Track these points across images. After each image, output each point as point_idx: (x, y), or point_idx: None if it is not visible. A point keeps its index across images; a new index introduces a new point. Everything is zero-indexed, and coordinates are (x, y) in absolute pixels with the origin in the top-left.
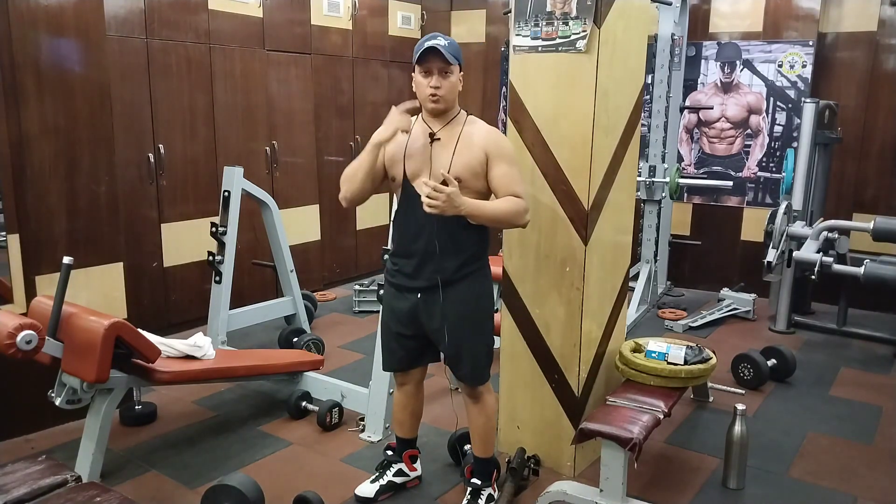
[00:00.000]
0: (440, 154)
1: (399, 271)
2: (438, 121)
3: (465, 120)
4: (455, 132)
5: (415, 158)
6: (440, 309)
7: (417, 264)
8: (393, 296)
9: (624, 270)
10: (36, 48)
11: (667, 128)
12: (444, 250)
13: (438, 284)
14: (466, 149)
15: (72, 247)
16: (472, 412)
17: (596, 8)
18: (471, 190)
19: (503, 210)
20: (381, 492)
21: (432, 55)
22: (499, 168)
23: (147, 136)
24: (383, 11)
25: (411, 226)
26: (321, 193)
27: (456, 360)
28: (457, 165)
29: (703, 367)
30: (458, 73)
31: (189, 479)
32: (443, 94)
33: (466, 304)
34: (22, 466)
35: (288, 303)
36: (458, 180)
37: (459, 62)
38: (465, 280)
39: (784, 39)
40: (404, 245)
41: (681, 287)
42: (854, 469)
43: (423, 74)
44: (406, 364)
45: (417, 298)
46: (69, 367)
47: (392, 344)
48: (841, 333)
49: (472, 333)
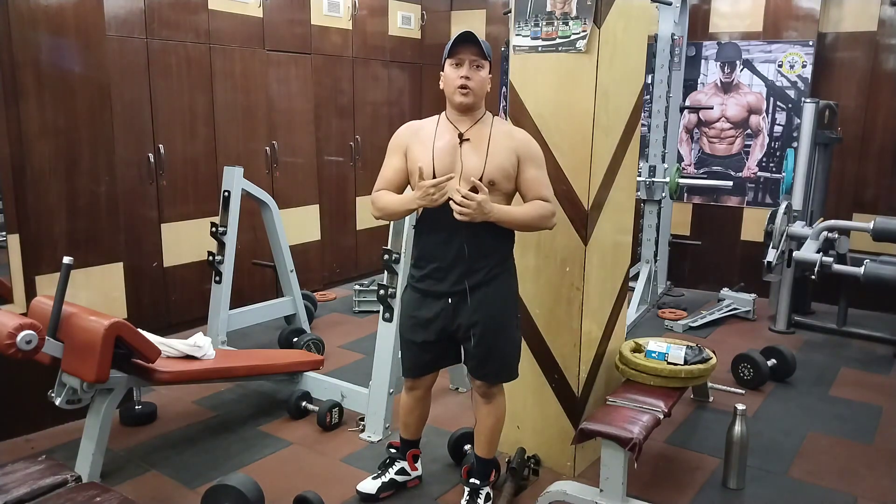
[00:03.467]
0: (470, 155)
1: (427, 276)
2: (465, 120)
3: (492, 121)
4: (484, 133)
5: (444, 160)
6: (469, 312)
7: (447, 269)
8: (418, 301)
9: (624, 270)
10: (36, 48)
11: (667, 128)
12: (473, 255)
13: (466, 289)
14: (499, 151)
15: (72, 247)
16: (482, 411)
17: (596, 8)
18: (501, 192)
19: (532, 215)
20: (382, 489)
21: (467, 43)
22: (529, 171)
23: (147, 136)
24: (383, 11)
25: (441, 231)
26: (321, 193)
27: (484, 360)
28: (490, 168)
29: (703, 367)
30: (489, 73)
31: (189, 479)
32: (473, 86)
33: (495, 305)
34: (22, 466)
35: (288, 303)
36: (491, 183)
37: (490, 60)
38: (493, 281)
39: (784, 39)
40: (432, 250)
41: (681, 287)
42: (854, 469)
43: (454, 66)
44: (430, 368)
45: (448, 304)
46: (69, 367)
47: (414, 349)
48: (841, 333)
49: (501, 332)
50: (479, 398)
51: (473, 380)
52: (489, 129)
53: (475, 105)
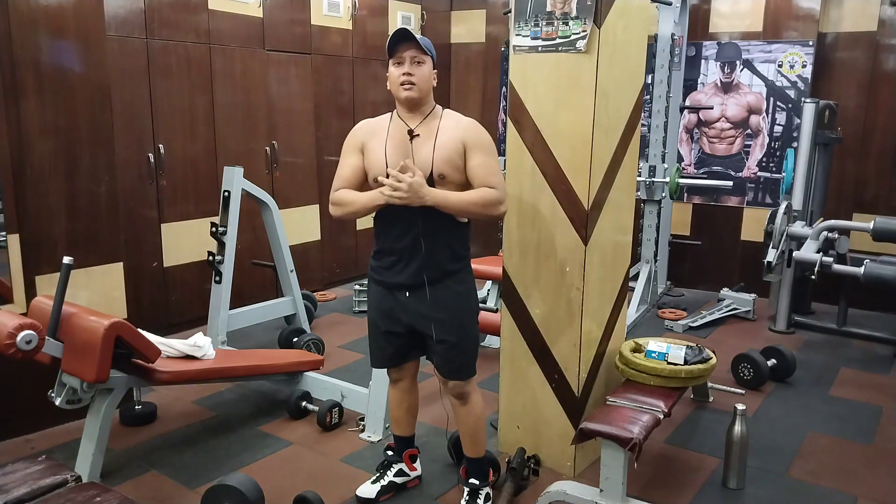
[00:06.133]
0: (420, 150)
1: (384, 269)
2: (415, 116)
3: (441, 114)
4: (433, 126)
5: (396, 157)
6: (427, 306)
7: (403, 263)
8: (379, 294)
9: (624, 270)
10: (36, 48)
11: (667, 128)
12: (429, 248)
13: (425, 282)
14: (445, 142)
15: (72, 247)
16: (460, 413)
17: (596, 8)
18: (453, 184)
19: (473, 200)
20: (381, 492)
21: (403, 42)
22: (475, 158)
23: (147, 136)
24: (383, 11)
25: (396, 224)
26: (321, 193)
27: (444, 356)
28: (438, 161)
29: (703, 367)
30: (432, 68)
31: (189, 479)
32: (416, 80)
33: (452, 301)
34: (22, 466)
35: (288, 303)
36: (442, 177)
37: (432, 55)
38: (450, 278)
39: (784, 39)
40: (389, 243)
41: (681, 287)
42: (854, 469)
43: (395, 65)
44: (396, 360)
45: (406, 297)
46: (69, 367)
47: (380, 341)
48: (841, 333)
49: (460, 330)
50: (454, 401)
51: (446, 382)
52: (438, 122)
53: (421, 99)
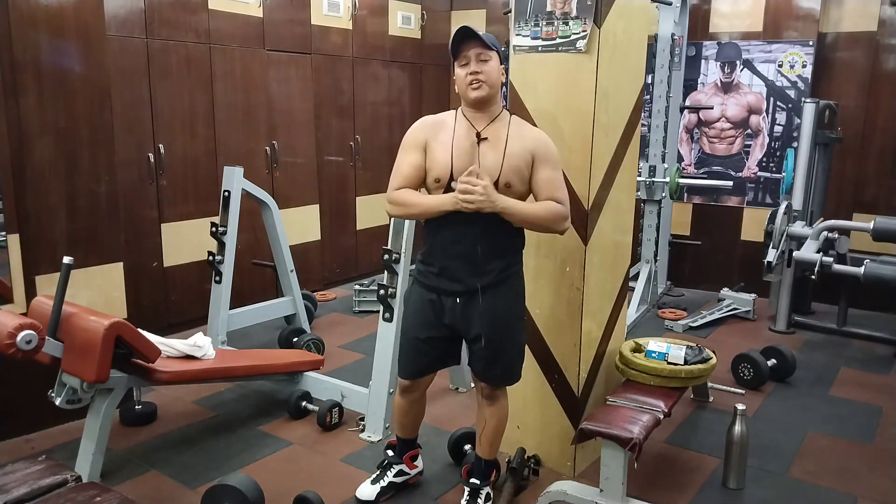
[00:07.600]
0: (488, 154)
1: (434, 274)
2: (482, 117)
3: (509, 120)
4: (501, 132)
5: (463, 161)
6: (480, 313)
7: (457, 268)
8: (425, 299)
9: (624, 270)
10: (36, 48)
11: (667, 128)
12: (485, 254)
13: (478, 290)
14: (515, 151)
15: (72, 247)
16: (485, 413)
17: (596, 8)
18: (516, 194)
19: (541, 213)
20: (381, 493)
21: (466, 40)
22: (543, 171)
23: (147, 136)
24: (383, 11)
25: (452, 229)
26: (321, 193)
27: (491, 362)
28: (507, 169)
29: (703, 367)
30: (499, 63)
31: (189, 479)
32: (484, 78)
33: (503, 308)
34: (22, 466)
35: (288, 303)
36: (508, 186)
37: (498, 51)
38: (504, 284)
39: (784, 39)
40: (443, 248)
41: (681, 287)
42: (854, 469)
43: (461, 65)
44: (429, 368)
45: (456, 303)
46: (69, 367)
47: (418, 348)
48: (841, 333)
49: (509, 336)
50: (482, 400)
51: (478, 381)
52: (507, 128)
53: (490, 98)
